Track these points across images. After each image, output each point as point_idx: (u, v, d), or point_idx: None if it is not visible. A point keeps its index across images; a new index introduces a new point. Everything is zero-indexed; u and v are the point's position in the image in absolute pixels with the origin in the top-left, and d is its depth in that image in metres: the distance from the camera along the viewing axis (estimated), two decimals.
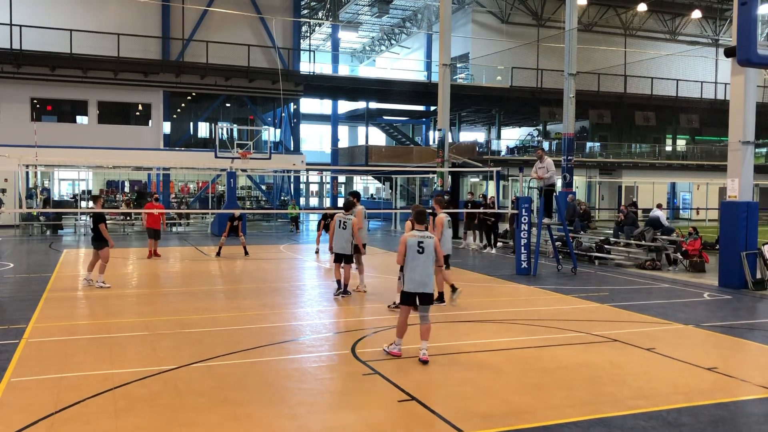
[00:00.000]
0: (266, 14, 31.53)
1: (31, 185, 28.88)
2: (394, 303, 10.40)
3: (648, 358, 7.83)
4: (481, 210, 19.64)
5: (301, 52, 33.86)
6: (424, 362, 7.34)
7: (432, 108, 38.65)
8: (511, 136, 47.80)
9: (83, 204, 28.68)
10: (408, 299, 7.64)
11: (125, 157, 27.67)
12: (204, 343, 8.27)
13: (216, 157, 24.62)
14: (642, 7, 37.38)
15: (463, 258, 17.85)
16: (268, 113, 35.66)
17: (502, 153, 40.00)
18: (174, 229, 26.94)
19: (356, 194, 12.69)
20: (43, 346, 8.01)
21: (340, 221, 11.45)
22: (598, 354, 7.95)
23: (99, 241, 12.35)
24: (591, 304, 11.36)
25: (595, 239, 18.36)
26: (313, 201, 48.33)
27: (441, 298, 10.83)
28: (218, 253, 17.58)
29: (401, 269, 10.45)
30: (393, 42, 50.08)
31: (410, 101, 39.59)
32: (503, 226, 21.65)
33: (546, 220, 15.78)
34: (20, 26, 27.02)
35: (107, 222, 12.79)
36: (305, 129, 43.76)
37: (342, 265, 11.51)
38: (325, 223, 17.54)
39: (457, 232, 21.25)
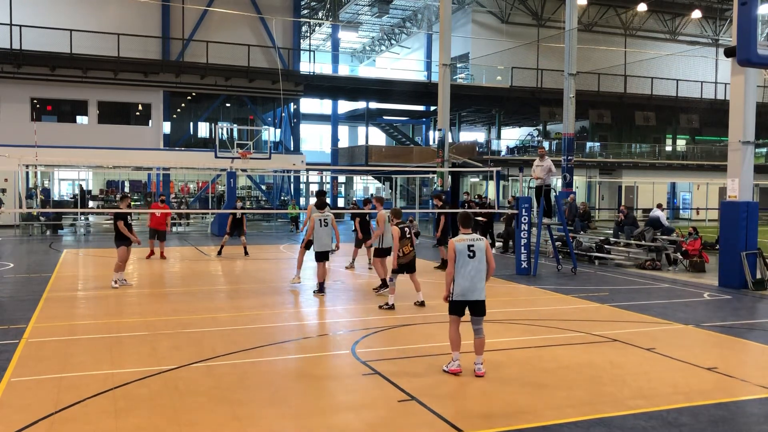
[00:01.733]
0: (266, 14, 31.53)
1: (31, 185, 28.88)
2: (386, 304, 10.51)
3: (648, 358, 7.83)
4: (475, 210, 19.69)
5: (301, 52, 33.86)
6: (479, 376, 6.96)
7: (432, 108, 38.65)
8: (511, 136, 47.80)
9: (90, 204, 28.68)
10: (457, 308, 7.03)
11: (125, 157, 27.66)
12: (204, 343, 8.27)
13: (216, 157, 24.61)
14: (642, 7, 37.38)
15: None
16: (268, 113, 35.66)
17: (502, 153, 40.02)
18: (174, 229, 26.94)
19: (322, 193, 13.95)
20: (43, 346, 8.01)
21: (320, 220, 11.75)
22: (598, 354, 7.95)
23: (117, 240, 12.45)
24: (591, 304, 11.36)
25: (595, 239, 18.36)
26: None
27: (385, 284, 11.64)
28: (219, 253, 17.57)
29: (393, 271, 10.65)
30: (393, 42, 50.07)
31: (410, 101, 39.58)
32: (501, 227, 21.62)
33: (546, 220, 15.78)
34: (20, 26, 27.02)
35: (129, 221, 12.76)
36: (305, 129, 43.75)
37: (319, 261, 11.83)
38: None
39: (456, 232, 21.28)
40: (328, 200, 15.59)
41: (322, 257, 11.75)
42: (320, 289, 11.85)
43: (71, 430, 5.42)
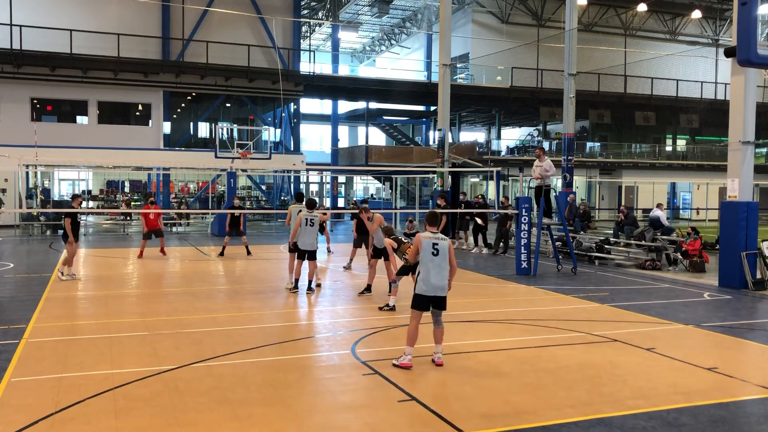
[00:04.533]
0: (266, 14, 31.53)
1: (31, 185, 28.88)
2: (387, 305, 10.50)
3: (648, 358, 7.83)
4: (468, 210, 19.69)
5: (301, 52, 33.86)
6: (439, 365, 7.27)
7: (432, 108, 38.65)
8: (511, 136, 47.81)
9: (83, 204, 28.67)
10: (420, 303, 7.20)
11: (125, 157, 27.66)
12: (204, 343, 8.27)
13: (216, 157, 24.61)
14: (642, 7, 37.37)
15: (463, 258, 17.84)
16: (268, 113, 35.66)
17: (502, 153, 40.01)
18: (174, 229, 26.93)
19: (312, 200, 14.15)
20: (43, 346, 8.01)
21: (306, 219, 11.76)
22: (598, 354, 7.95)
23: (65, 237, 13.03)
24: (591, 304, 11.36)
25: (595, 239, 18.35)
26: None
27: (369, 289, 11.82)
28: (221, 253, 17.56)
29: (398, 273, 10.64)
30: (393, 42, 50.08)
31: (410, 101, 39.59)
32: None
33: (546, 220, 15.78)
34: (20, 26, 27.02)
35: (78, 219, 13.54)
36: (305, 129, 43.76)
37: (305, 260, 11.95)
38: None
39: (454, 232, 21.25)
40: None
41: (301, 255, 11.91)
42: (295, 286, 12.12)
43: (71, 430, 5.42)
